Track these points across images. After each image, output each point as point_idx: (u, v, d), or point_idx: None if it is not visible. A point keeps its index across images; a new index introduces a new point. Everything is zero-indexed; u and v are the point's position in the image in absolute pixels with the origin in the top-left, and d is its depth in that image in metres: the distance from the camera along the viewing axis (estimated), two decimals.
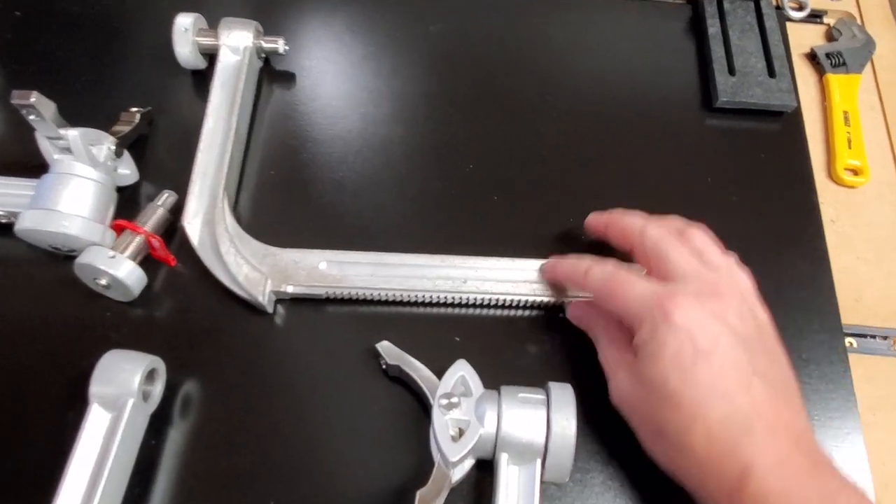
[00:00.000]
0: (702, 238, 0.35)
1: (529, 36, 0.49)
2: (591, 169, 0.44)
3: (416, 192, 0.43)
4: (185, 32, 0.43)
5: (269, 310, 0.38)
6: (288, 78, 0.47)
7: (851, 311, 0.41)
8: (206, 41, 0.44)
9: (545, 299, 0.38)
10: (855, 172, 0.45)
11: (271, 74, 0.47)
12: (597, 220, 0.39)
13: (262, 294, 0.36)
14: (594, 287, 0.34)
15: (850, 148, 0.45)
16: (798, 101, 0.46)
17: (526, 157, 0.45)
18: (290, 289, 0.37)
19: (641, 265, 0.36)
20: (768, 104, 0.45)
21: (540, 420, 0.32)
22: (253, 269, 0.37)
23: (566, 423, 0.31)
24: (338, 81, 0.47)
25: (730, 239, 0.42)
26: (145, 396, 0.34)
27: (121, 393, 0.32)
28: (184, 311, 0.38)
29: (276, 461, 0.35)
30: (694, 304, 0.31)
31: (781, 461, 0.28)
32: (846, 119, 0.46)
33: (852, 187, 0.44)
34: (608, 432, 0.35)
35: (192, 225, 0.38)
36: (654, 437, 0.32)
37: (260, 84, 0.46)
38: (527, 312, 0.39)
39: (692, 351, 0.30)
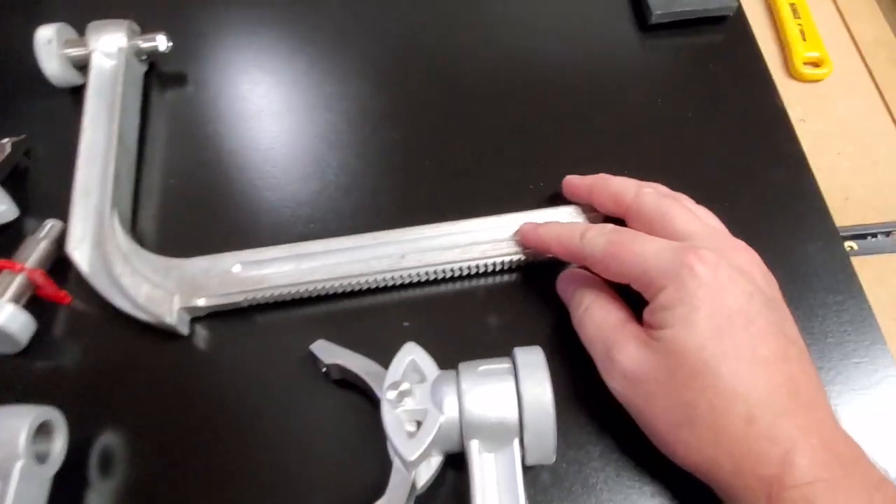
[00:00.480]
0: (693, 203, 0.31)
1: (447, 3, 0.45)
2: (536, 120, 0.39)
3: (339, 171, 0.38)
4: (50, 45, 0.38)
5: (185, 331, 0.32)
6: (179, 79, 0.42)
7: (843, 212, 0.36)
8: (76, 52, 0.39)
9: (501, 260, 0.33)
10: (815, 65, 0.40)
11: (161, 77, 0.42)
12: (579, 183, 0.34)
13: (170, 313, 0.31)
14: (596, 252, 0.29)
15: (804, 40, 0.41)
16: (739, 2, 0.42)
17: (457, 119, 0.40)
18: (202, 302, 0.32)
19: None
20: (707, 9, 0.41)
21: (508, 392, 0.26)
22: (155, 286, 0.32)
23: (540, 389, 0.26)
24: (237, 73, 0.42)
25: (695, 160, 0.38)
26: (40, 457, 0.28)
27: (4, 456, 0.26)
28: (87, 352, 0.33)
29: (224, 500, 0.29)
30: (720, 259, 0.26)
31: (824, 443, 0.23)
32: (794, 12, 0.42)
33: (816, 81, 0.40)
34: (598, 397, 0.30)
35: (80, 250, 0.33)
36: (677, 426, 0.26)
37: (149, 89, 0.41)
38: (483, 280, 0.34)
39: (728, 312, 0.25)
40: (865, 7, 0.42)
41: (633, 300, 0.29)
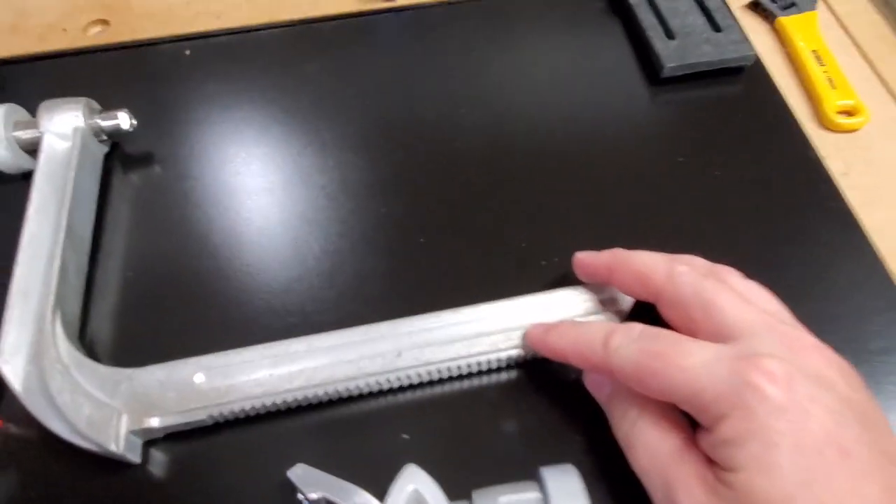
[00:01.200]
0: (741, 280, 0.25)
1: (438, 62, 0.41)
2: (544, 190, 0.35)
3: (321, 254, 0.33)
4: None
5: (136, 459, 0.27)
6: (144, 159, 0.37)
7: None
8: (26, 134, 0.35)
9: (516, 352, 0.28)
10: (849, 113, 0.36)
11: (124, 158, 0.38)
12: (595, 261, 0.28)
13: (115, 439, 0.25)
14: (627, 366, 0.23)
15: (834, 88, 0.37)
16: (756, 52, 0.38)
17: (452, 189, 0.35)
18: (156, 422, 0.26)
19: (672, 321, 0.25)
20: (723, 59, 0.37)
21: None
22: (99, 406, 0.26)
23: None
24: (207, 150, 0.38)
25: (728, 225, 0.33)
26: None
27: None
28: (18, 488, 0.27)
29: None
30: (792, 371, 0.20)
31: None
32: (818, 59, 0.38)
33: (853, 130, 0.36)
34: None
35: (12, 364, 0.27)
36: None
37: (111, 171, 0.37)
38: (495, 378, 0.29)
39: (816, 445, 0.19)
40: (893, 49, 0.39)
41: None
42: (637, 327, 0.24)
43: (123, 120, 0.36)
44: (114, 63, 0.42)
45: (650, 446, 0.23)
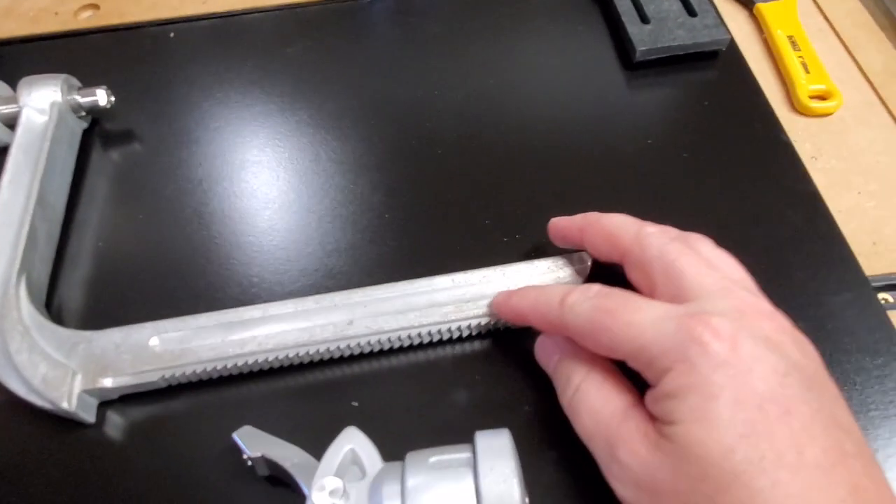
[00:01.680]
0: (710, 247, 0.25)
1: (415, 46, 0.42)
2: (513, 170, 0.35)
3: (284, 233, 0.33)
4: None
5: (90, 418, 0.27)
6: (123, 136, 0.38)
7: (872, 258, 0.31)
8: (7, 109, 0.36)
9: (468, 324, 0.28)
10: (822, 98, 0.36)
11: (103, 134, 0.38)
12: (568, 224, 0.29)
13: (68, 397, 0.26)
14: (580, 321, 0.23)
15: (808, 73, 0.36)
16: (731, 36, 0.38)
17: (418, 164, 0.36)
18: (109, 382, 0.27)
19: (636, 282, 0.26)
20: (696, 43, 0.37)
21: (464, 492, 0.21)
22: (55, 366, 0.27)
23: (504, 486, 0.20)
24: (184, 130, 0.38)
25: (696, 205, 0.33)
26: None
27: None
28: None
29: None
30: (739, 330, 0.20)
31: None
32: (794, 44, 0.38)
33: (825, 115, 0.36)
34: (602, 496, 0.24)
35: None
36: None
37: (90, 146, 0.37)
38: (446, 349, 0.29)
39: (757, 400, 0.19)
40: (872, 36, 0.39)
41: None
42: (594, 287, 0.24)
43: (101, 97, 0.37)
44: (101, 45, 0.43)
45: (594, 410, 0.23)
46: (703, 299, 0.22)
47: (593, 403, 0.23)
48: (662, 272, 0.24)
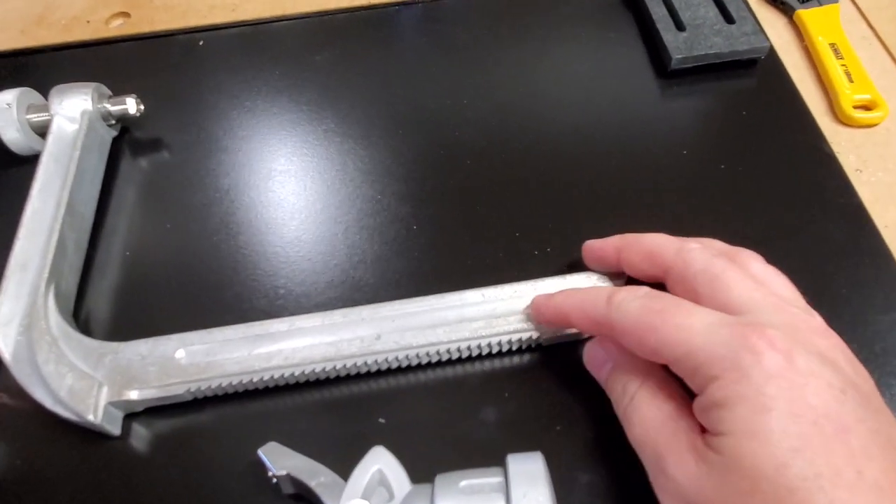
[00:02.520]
0: (759, 265, 0.24)
1: (446, 54, 0.41)
2: (546, 181, 0.34)
3: (311, 244, 0.33)
4: (9, 110, 0.35)
5: (115, 431, 0.27)
6: (152, 145, 0.38)
7: None
8: (39, 117, 0.36)
9: (497, 339, 0.27)
10: (867, 108, 0.35)
11: (133, 143, 0.38)
12: (603, 245, 0.28)
13: (94, 409, 0.26)
14: (627, 320, 0.23)
15: (851, 82, 0.35)
16: (771, 44, 0.37)
17: (450, 176, 0.35)
18: (135, 395, 0.26)
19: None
20: (734, 51, 0.36)
21: None
22: (81, 377, 0.26)
23: None
24: (213, 139, 0.38)
25: (734, 218, 0.32)
26: None
27: None
28: (10, 455, 0.27)
29: None
30: (795, 343, 0.20)
31: None
32: (836, 52, 0.37)
33: (870, 125, 0.34)
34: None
35: (4, 333, 0.28)
36: None
37: (119, 155, 0.38)
38: (476, 366, 0.28)
39: (812, 415, 0.18)
40: None
41: None
42: (643, 288, 0.23)
43: (131, 105, 0.37)
44: (131, 53, 0.43)
45: (645, 419, 0.22)
46: (755, 312, 0.21)
47: (645, 412, 0.22)
48: (707, 286, 0.23)
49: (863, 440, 0.18)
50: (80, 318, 0.31)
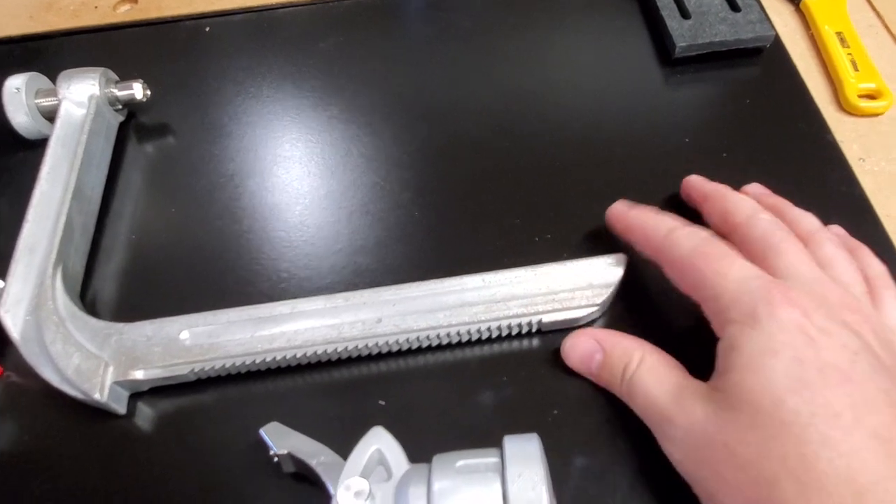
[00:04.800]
0: (834, 249, 0.25)
1: (450, 42, 0.41)
2: (549, 168, 0.34)
3: (315, 228, 0.33)
4: (18, 94, 0.35)
5: (121, 409, 0.27)
6: (158, 130, 0.39)
7: None
8: (47, 101, 0.36)
9: (497, 324, 0.27)
10: (872, 97, 0.35)
11: (139, 127, 0.39)
12: (698, 187, 0.30)
13: (100, 388, 0.26)
14: (677, 254, 0.25)
15: (857, 70, 0.35)
16: (776, 32, 0.37)
17: (454, 162, 0.35)
18: (140, 374, 0.27)
19: None
20: (739, 39, 0.36)
21: (492, 496, 0.20)
22: (88, 357, 0.27)
23: (532, 493, 0.20)
24: (218, 125, 0.38)
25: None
26: None
27: None
28: (19, 433, 0.28)
29: None
30: (818, 308, 0.21)
31: None
32: (842, 41, 0.36)
33: (875, 115, 0.34)
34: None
35: (13, 313, 0.29)
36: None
37: (126, 139, 0.38)
38: (476, 349, 0.28)
39: (819, 364, 0.19)
40: None
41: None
42: (703, 231, 0.25)
43: (138, 90, 0.37)
44: (138, 39, 0.43)
45: (649, 387, 0.23)
46: (794, 279, 0.22)
47: (648, 382, 0.23)
48: (762, 252, 0.24)
49: (868, 394, 0.18)
50: (87, 300, 0.31)
